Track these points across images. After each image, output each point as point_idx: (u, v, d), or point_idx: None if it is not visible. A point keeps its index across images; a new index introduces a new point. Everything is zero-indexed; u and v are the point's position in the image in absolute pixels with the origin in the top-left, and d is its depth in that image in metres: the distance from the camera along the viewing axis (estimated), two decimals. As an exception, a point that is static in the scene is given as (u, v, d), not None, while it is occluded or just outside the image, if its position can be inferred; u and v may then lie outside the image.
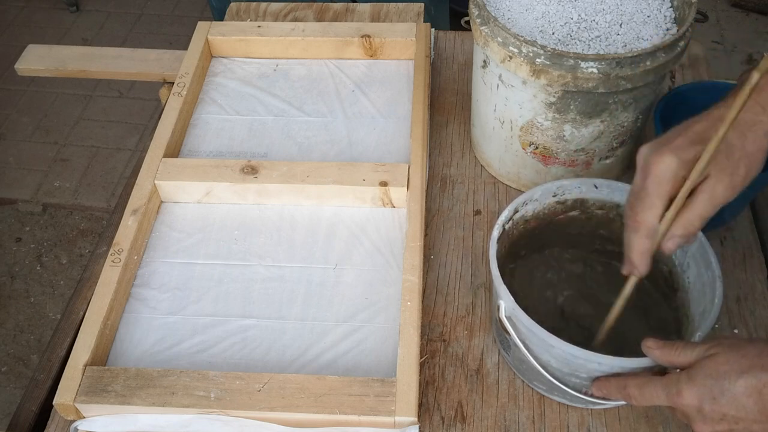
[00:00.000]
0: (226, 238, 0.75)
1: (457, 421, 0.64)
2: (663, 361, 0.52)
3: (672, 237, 0.52)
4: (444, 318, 0.71)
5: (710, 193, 0.51)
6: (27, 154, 2.07)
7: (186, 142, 0.85)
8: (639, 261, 0.54)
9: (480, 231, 0.78)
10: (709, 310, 0.57)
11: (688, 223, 0.52)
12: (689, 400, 0.48)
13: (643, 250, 0.53)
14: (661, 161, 0.51)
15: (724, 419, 0.47)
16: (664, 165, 0.51)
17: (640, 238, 0.53)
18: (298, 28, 0.93)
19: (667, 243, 0.53)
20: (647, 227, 0.52)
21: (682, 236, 0.52)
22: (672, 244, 0.53)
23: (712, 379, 0.47)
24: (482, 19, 0.71)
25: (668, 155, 0.51)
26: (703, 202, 0.51)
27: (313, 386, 0.60)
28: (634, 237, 0.53)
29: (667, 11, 0.73)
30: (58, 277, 1.80)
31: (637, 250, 0.54)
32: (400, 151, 0.82)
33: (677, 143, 0.51)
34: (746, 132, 0.51)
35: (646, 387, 0.51)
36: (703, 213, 0.51)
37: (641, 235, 0.53)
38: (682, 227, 0.52)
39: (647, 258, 0.54)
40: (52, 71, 0.97)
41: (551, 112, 0.71)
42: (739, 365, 0.47)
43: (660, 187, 0.51)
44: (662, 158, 0.51)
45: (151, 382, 0.61)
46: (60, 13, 2.51)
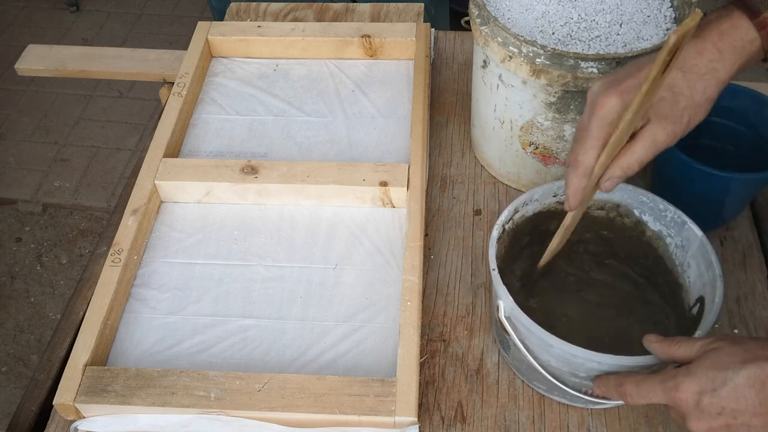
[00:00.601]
0: (226, 238, 0.75)
1: (457, 421, 0.64)
2: (662, 354, 0.52)
3: (610, 178, 0.53)
4: (444, 318, 0.71)
5: (651, 139, 0.51)
6: (27, 154, 2.07)
7: (186, 142, 0.85)
8: (572, 196, 0.55)
9: (480, 231, 0.78)
10: (709, 310, 0.57)
11: (627, 165, 0.52)
12: (687, 393, 0.48)
13: (577, 188, 0.54)
14: (607, 102, 0.51)
15: (722, 413, 0.47)
16: (609, 106, 0.51)
17: (576, 176, 0.54)
18: (298, 28, 0.93)
19: (605, 183, 0.54)
20: (584, 166, 0.53)
21: (619, 177, 0.53)
22: (609, 184, 0.54)
23: (714, 370, 0.47)
24: (482, 19, 0.71)
25: (615, 97, 0.51)
26: (643, 147, 0.51)
27: (313, 386, 0.60)
28: (572, 175, 0.54)
29: (667, 11, 0.73)
30: (58, 277, 1.80)
31: (572, 186, 0.54)
32: (400, 151, 0.82)
33: (626, 85, 0.51)
34: (697, 81, 0.51)
35: (643, 384, 0.51)
36: (642, 157, 0.52)
37: (578, 173, 0.53)
38: (620, 169, 0.52)
39: (580, 195, 0.54)
40: (52, 71, 0.97)
41: (551, 112, 0.71)
42: (742, 356, 0.46)
43: (602, 128, 0.51)
44: (608, 99, 0.51)
45: (151, 382, 0.61)
46: (60, 13, 2.51)
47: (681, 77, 0.51)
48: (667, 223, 0.65)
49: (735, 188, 0.69)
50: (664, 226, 0.65)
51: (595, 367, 0.56)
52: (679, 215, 0.63)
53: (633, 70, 0.52)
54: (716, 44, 0.51)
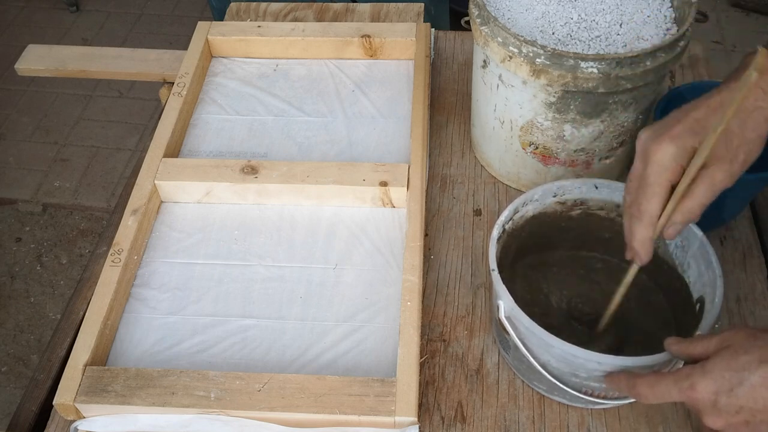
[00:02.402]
0: (226, 238, 0.75)
1: (457, 421, 0.64)
2: (681, 354, 0.52)
3: (673, 224, 0.53)
4: (444, 318, 0.71)
5: (710, 181, 0.51)
6: (27, 154, 2.07)
7: (186, 142, 0.85)
8: (642, 249, 0.55)
9: (480, 231, 0.78)
10: (710, 310, 0.57)
11: (689, 210, 0.52)
12: (703, 393, 0.47)
13: (645, 239, 0.54)
14: (661, 149, 0.51)
15: (741, 412, 0.46)
16: (664, 153, 0.51)
17: (643, 226, 0.54)
18: (298, 28, 0.93)
19: (668, 230, 0.54)
20: (650, 216, 0.53)
21: (682, 223, 0.53)
22: (673, 231, 0.54)
23: (730, 371, 0.46)
24: (482, 19, 0.71)
25: (668, 143, 0.51)
26: (703, 190, 0.51)
27: (313, 386, 0.60)
28: (637, 225, 0.54)
29: (667, 11, 0.73)
30: (58, 277, 1.80)
31: (639, 238, 0.54)
32: (400, 151, 0.82)
33: (676, 131, 0.51)
34: (746, 119, 0.51)
35: (657, 385, 0.51)
36: (703, 200, 0.52)
37: (644, 224, 0.53)
38: (683, 215, 0.53)
39: (649, 246, 0.55)
40: (52, 71, 0.97)
41: (551, 112, 0.71)
42: (759, 355, 0.46)
43: (661, 176, 0.52)
44: (662, 146, 0.51)
45: (151, 382, 0.61)
46: (60, 13, 2.51)
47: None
48: (667, 223, 0.65)
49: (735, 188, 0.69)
50: (664, 226, 0.65)
51: (596, 368, 0.56)
52: (679, 215, 0.63)
53: (680, 116, 0.52)
54: (759, 84, 0.52)
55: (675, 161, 0.51)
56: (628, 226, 0.55)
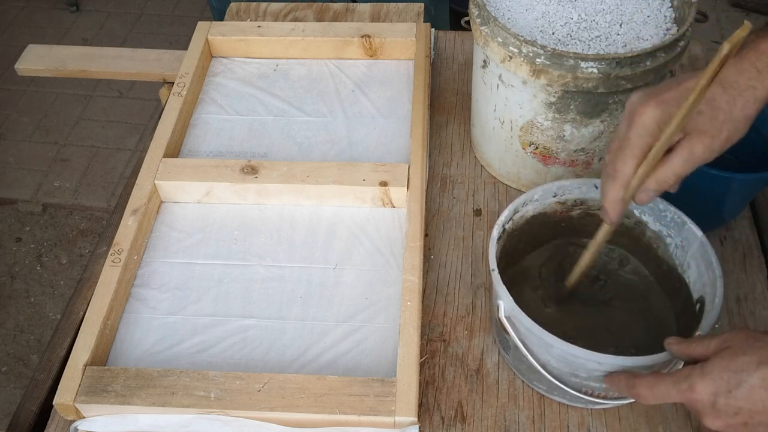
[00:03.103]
0: (226, 238, 0.75)
1: (457, 421, 0.64)
2: (681, 355, 0.52)
3: (645, 190, 0.53)
4: (444, 318, 0.71)
5: (688, 152, 0.51)
6: (27, 154, 2.07)
7: (186, 142, 0.85)
8: (612, 208, 0.55)
9: (480, 231, 0.78)
10: (710, 310, 0.57)
11: (663, 179, 0.52)
12: (702, 394, 0.47)
13: (616, 198, 0.54)
14: (646, 112, 0.51)
15: (739, 413, 0.46)
16: (648, 117, 0.51)
17: (616, 186, 0.53)
18: (298, 28, 0.93)
19: (641, 195, 0.54)
20: (623, 176, 0.53)
21: (655, 191, 0.53)
22: (645, 196, 0.53)
23: (729, 372, 0.47)
24: (482, 19, 0.71)
25: (654, 107, 0.51)
26: (680, 159, 0.51)
27: (313, 386, 0.60)
28: (610, 184, 0.54)
29: (667, 11, 0.73)
30: (58, 277, 1.80)
31: (611, 197, 0.54)
32: (400, 151, 0.82)
33: (665, 96, 0.51)
34: (737, 96, 0.51)
35: (656, 386, 0.51)
36: (678, 170, 0.52)
37: (617, 183, 0.53)
38: (656, 182, 0.52)
39: (620, 206, 0.54)
40: (52, 71, 0.97)
41: (551, 112, 0.71)
42: (757, 356, 0.46)
43: (641, 138, 0.51)
44: (648, 110, 0.51)
45: (151, 382, 0.61)
46: (60, 13, 2.51)
47: (721, 92, 0.51)
48: (667, 224, 0.65)
49: (735, 188, 0.69)
50: (664, 227, 0.65)
51: (596, 368, 0.56)
52: (679, 215, 0.63)
53: (672, 84, 0.52)
54: (755, 64, 0.51)
55: (658, 126, 0.51)
56: (602, 185, 0.55)
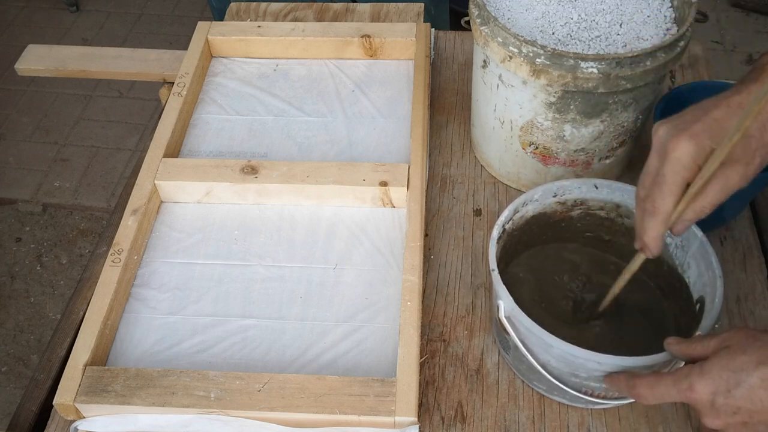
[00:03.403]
0: (226, 238, 0.75)
1: (457, 421, 0.64)
2: (681, 354, 0.52)
3: (683, 221, 0.54)
4: (444, 318, 0.71)
5: (724, 182, 0.51)
6: (27, 154, 2.07)
7: (186, 142, 0.85)
8: (653, 244, 0.55)
9: (480, 231, 0.78)
10: (709, 310, 0.57)
11: (701, 209, 0.53)
12: (701, 394, 0.48)
13: (658, 235, 0.54)
14: (680, 147, 0.51)
15: (738, 413, 0.47)
16: (682, 152, 0.51)
17: (657, 223, 0.54)
18: (298, 28, 0.93)
19: (678, 227, 0.54)
20: (664, 213, 0.53)
21: (692, 221, 0.54)
22: (682, 227, 0.54)
23: (728, 371, 0.47)
24: (482, 19, 0.71)
25: (687, 141, 0.51)
26: (717, 190, 0.51)
27: (313, 386, 0.60)
28: (651, 221, 0.54)
29: (667, 11, 0.73)
30: (58, 277, 1.80)
31: (652, 234, 0.54)
32: (400, 151, 0.82)
33: (696, 129, 0.51)
34: (766, 122, 0.51)
35: (656, 386, 0.51)
36: (715, 200, 0.52)
37: (658, 220, 0.54)
38: (695, 213, 0.53)
39: (660, 241, 0.55)
40: (52, 71, 0.97)
41: (551, 112, 0.71)
42: (756, 356, 0.46)
43: (678, 174, 0.52)
44: (681, 144, 0.51)
45: (151, 382, 0.61)
46: (60, 13, 2.51)
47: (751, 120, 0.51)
48: (667, 223, 0.65)
49: (735, 188, 0.69)
50: (664, 226, 0.65)
51: (596, 368, 0.56)
52: (679, 215, 0.63)
53: (699, 114, 0.52)
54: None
55: (693, 161, 0.51)
56: (640, 220, 0.55)
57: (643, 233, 0.55)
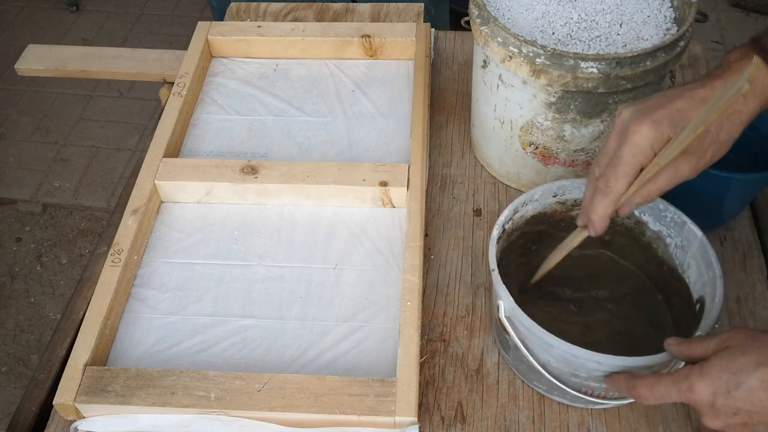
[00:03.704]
0: (226, 238, 0.75)
1: (457, 421, 0.64)
2: (681, 355, 0.52)
3: (629, 204, 0.55)
4: (444, 318, 0.71)
5: (674, 171, 0.53)
6: (27, 154, 2.07)
7: (186, 142, 0.85)
8: (599, 222, 0.57)
9: (480, 231, 0.78)
10: (710, 310, 0.57)
11: (648, 194, 0.54)
12: (701, 395, 0.48)
13: (606, 214, 0.56)
14: (640, 132, 0.52)
15: (738, 414, 0.47)
16: (642, 136, 0.52)
17: (607, 201, 0.55)
18: (298, 28, 0.93)
19: (624, 208, 0.56)
20: (615, 193, 0.55)
21: (638, 204, 0.55)
22: (627, 209, 0.56)
23: (727, 373, 0.47)
24: (482, 19, 0.71)
25: (648, 127, 0.52)
26: (666, 178, 0.53)
27: (313, 386, 0.60)
28: (601, 199, 0.55)
29: (667, 11, 0.73)
30: (58, 277, 1.80)
31: (600, 212, 0.56)
32: (400, 151, 0.82)
33: (658, 116, 0.52)
34: (724, 121, 0.53)
35: (656, 387, 0.51)
36: (663, 188, 0.54)
37: (608, 199, 0.55)
38: (642, 197, 0.55)
39: (607, 221, 0.57)
40: (52, 71, 0.97)
41: (551, 112, 0.71)
42: (756, 357, 0.46)
43: (635, 157, 0.53)
44: (642, 129, 0.52)
45: (151, 382, 0.61)
46: (60, 13, 2.51)
47: None
48: (667, 224, 0.65)
49: (735, 188, 0.69)
50: (664, 227, 0.65)
51: (596, 368, 0.56)
52: (679, 215, 0.63)
53: (663, 101, 0.53)
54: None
55: (651, 146, 0.52)
56: (589, 198, 0.57)
57: (591, 211, 0.56)
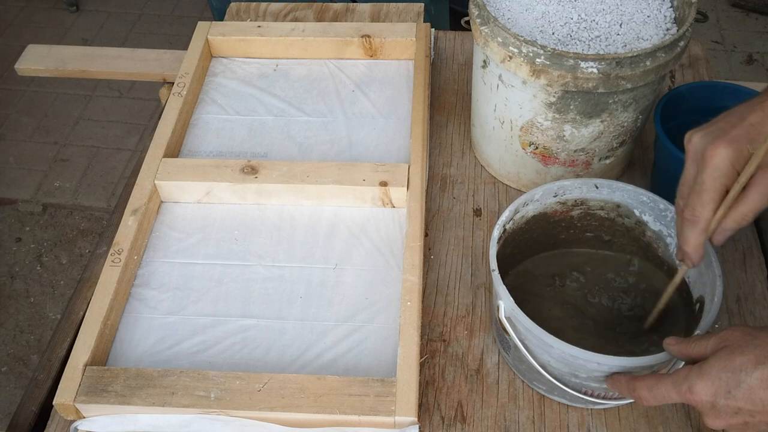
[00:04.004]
0: (226, 238, 0.75)
1: (457, 421, 0.64)
2: (680, 355, 0.52)
3: (723, 230, 0.53)
4: (444, 318, 0.71)
5: (764, 187, 0.50)
6: (27, 154, 2.07)
7: (186, 142, 0.85)
8: (695, 253, 0.54)
9: (480, 231, 0.78)
10: (709, 310, 0.57)
11: (741, 216, 0.52)
12: (702, 395, 0.47)
13: (699, 243, 0.54)
14: (718, 154, 0.50)
15: (739, 413, 0.47)
16: (721, 158, 0.50)
17: (698, 231, 0.53)
18: (298, 28, 0.93)
19: (718, 236, 0.53)
20: (704, 221, 0.52)
21: (732, 229, 0.53)
22: (722, 237, 0.53)
23: (727, 372, 0.47)
24: (482, 19, 0.71)
25: (726, 148, 0.50)
26: (756, 195, 0.51)
27: (313, 386, 0.60)
28: (691, 230, 0.53)
29: (667, 11, 0.73)
30: (58, 277, 1.80)
31: (693, 243, 0.54)
32: (400, 151, 0.82)
33: (733, 135, 0.51)
34: None
35: (656, 388, 0.51)
36: (756, 207, 0.51)
37: (699, 229, 0.53)
38: (735, 221, 0.52)
39: (702, 250, 0.54)
40: (52, 71, 0.97)
41: (551, 112, 0.71)
42: (755, 355, 0.46)
43: (717, 180, 0.51)
44: (718, 150, 0.50)
45: (151, 382, 0.61)
46: (60, 13, 2.51)
47: None
48: (668, 224, 0.65)
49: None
50: (664, 226, 0.65)
51: (596, 368, 0.56)
52: (679, 215, 0.63)
53: (734, 120, 0.52)
54: None
55: (732, 166, 0.50)
56: (680, 230, 0.55)
57: (684, 243, 0.54)
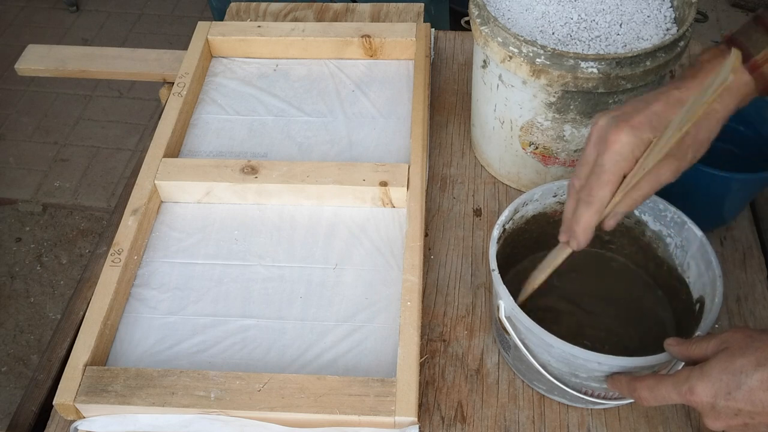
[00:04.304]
0: (226, 238, 0.75)
1: (457, 421, 0.64)
2: (681, 355, 0.52)
3: (615, 215, 0.54)
4: (444, 318, 0.71)
5: (656, 176, 0.52)
6: (27, 154, 2.07)
7: (186, 142, 0.85)
8: (583, 235, 0.55)
9: (480, 231, 0.78)
10: (709, 310, 0.57)
11: (633, 202, 0.53)
12: (702, 396, 0.48)
13: (590, 225, 0.54)
14: (620, 139, 0.51)
15: (739, 414, 0.47)
16: (623, 143, 0.51)
17: (591, 213, 0.53)
18: (298, 28, 0.93)
19: (610, 220, 0.54)
20: (600, 203, 0.53)
21: (623, 214, 0.54)
22: (614, 221, 0.54)
23: (727, 374, 0.47)
24: (482, 19, 0.71)
25: (627, 133, 0.51)
26: (648, 183, 0.52)
27: (313, 386, 0.60)
28: (585, 211, 0.54)
29: (667, 11, 0.73)
30: (58, 277, 1.80)
31: (584, 224, 0.54)
32: (400, 151, 0.82)
33: (636, 121, 0.52)
34: (702, 121, 0.52)
35: (657, 388, 0.51)
36: (647, 194, 0.53)
37: (593, 209, 0.53)
38: (626, 206, 0.53)
39: (591, 233, 0.55)
40: (52, 71, 0.97)
41: (551, 112, 0.71)
42: (755, 357, 0.46)
43: (616, 165, 0.52)
44: (620, 136, 0.51)
45: (151, 382, 0.61)
46: (60, 13, 2.51)
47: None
48: (667, 224, 0.65)
49: (735, 188, 0.69)
50: (663, 227, 0.65)
51: (596, 368, 0.56)
52: (679, 215, 0.63)
53: (639, 106, 0.53)
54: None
55: (632, 152, 0.51)
56: (571, 210, 0.55)
57: (575, 223, 0.55)
